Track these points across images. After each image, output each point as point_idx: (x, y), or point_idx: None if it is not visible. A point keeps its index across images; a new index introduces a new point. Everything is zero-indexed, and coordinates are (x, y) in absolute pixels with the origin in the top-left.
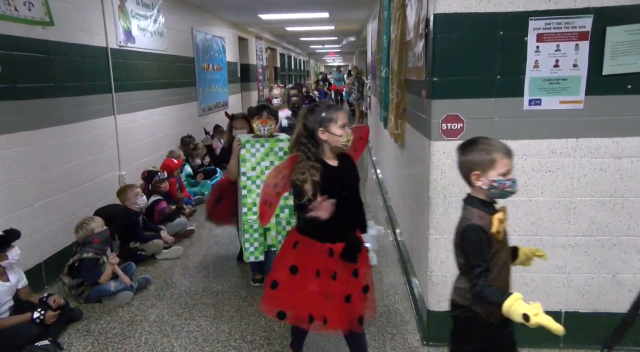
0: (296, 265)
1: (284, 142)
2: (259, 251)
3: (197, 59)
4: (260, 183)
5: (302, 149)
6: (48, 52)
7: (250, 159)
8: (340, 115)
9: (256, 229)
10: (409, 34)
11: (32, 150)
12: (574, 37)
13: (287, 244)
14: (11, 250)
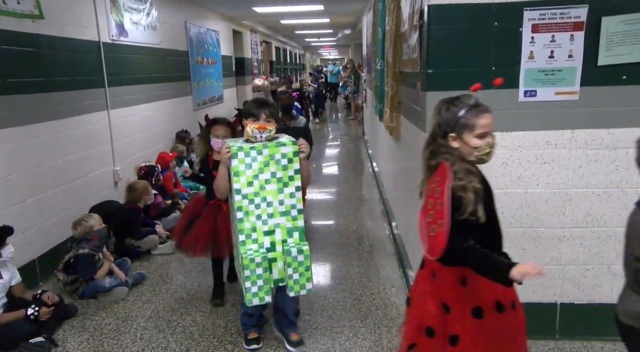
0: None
1: (287, 146)
2: (264, 290)
3: (191, 52)
4: (260, 202)
5: (443, 151)
6: (38, 46)
7: (245, 171)
8: (482, 121)
9: (259, 262)
10: (404, 25)
11: (24, 146)
12: (569, 27)
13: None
14: (4, 248)
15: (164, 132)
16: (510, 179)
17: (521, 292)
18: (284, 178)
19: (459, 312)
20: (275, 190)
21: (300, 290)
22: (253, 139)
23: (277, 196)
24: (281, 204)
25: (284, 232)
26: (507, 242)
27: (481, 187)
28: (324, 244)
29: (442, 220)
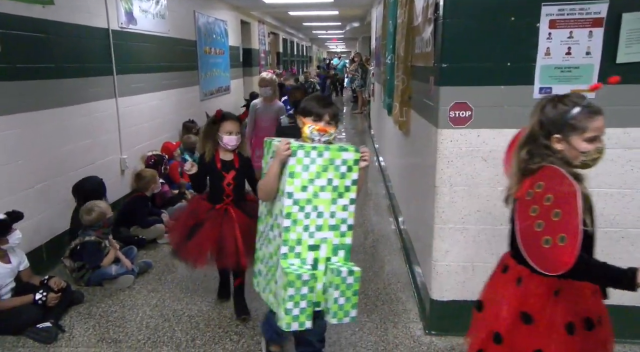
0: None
1: (350, 152)
2: (307, 313)
3: (199, 42)
4: (310, 210)
5: (545, 153)
6: (48, 32)
7: (301, 173)
8: (595, 124)
9: (307, 280)
10: (417, 18)
11: (32, 133)
12: (587, 23)
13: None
14: (12, 234)
15: (171, 121)
16: None
17: None
18: (339, 187)
19: (547, 325)
20: (328, 199)
21: (343, 317)
22: (310, 141)
23: (330, 206)
24: (332, 217)
25: (329, 249)
26: None
27: (588, 195)
28: None
29: (564, 233)
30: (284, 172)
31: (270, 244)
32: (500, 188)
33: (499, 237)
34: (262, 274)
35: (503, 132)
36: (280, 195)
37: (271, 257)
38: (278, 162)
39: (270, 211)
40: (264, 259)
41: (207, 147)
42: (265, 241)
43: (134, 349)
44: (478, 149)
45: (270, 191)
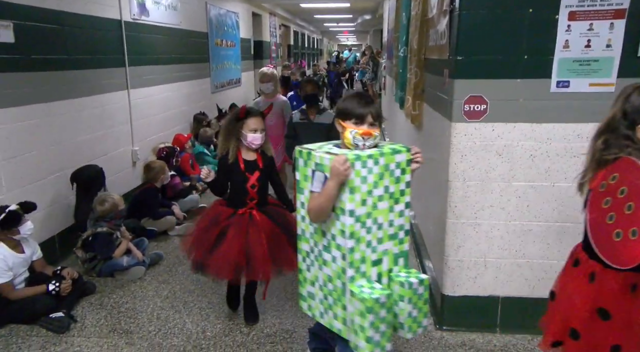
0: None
1: (402, 153)
2: (387, 336)
3: (211, 34)
4: (371, 224)
5: (625, 144)
6: (61, 23)
7: (360, 187)
8: None
9: (384, 302)
10: (432, 10)
11: (44, 124)
12: (609, 15)
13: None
14: (24, 225)
15: (182, 113)
16: (537, 172)
17: (543, 288)
18: (395, 193)
19: (624, 321)
20: (386, 208)
21: (417, 329)
22: (353, 147)
23: (388, 215)
24: (390, 226)
25: (390, 260)
26: (531, 237)
27: None
28: None
29: (636, 227)
30: (343, 188)
31: (327, 266)
32: (514, 183)
33: (512, 233)
34: (317, 297)
35: (518, 126)
36: (339, 213)
37: (330, 280)
38: (337, 183)
39: (321, 230)
40: (317, 281)
41: (230, 146)
42: (317, 262)
43: (144, 340)
44: (492, 144)
45: (326, 213)
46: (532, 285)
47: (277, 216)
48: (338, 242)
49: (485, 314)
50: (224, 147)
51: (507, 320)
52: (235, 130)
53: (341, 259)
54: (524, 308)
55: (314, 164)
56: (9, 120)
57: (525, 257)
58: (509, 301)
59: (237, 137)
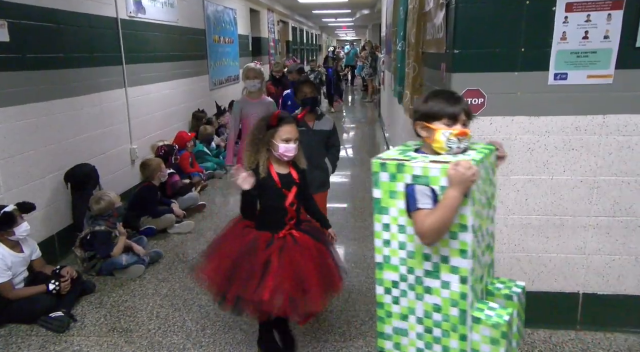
0: None
1: (493, 152)
2: None
3: (208, 31)
4: (480, 236)
5: None
6: (57, 22)
7: (478, 197)
8: None
9: (511, 322)
10: (428, 4)
11: (42, 123)
12: (606, 6)
13: None
14: (19, 226)
15: (181, 111)
16: (535, 165)
17: (542, 282)
18: (491, 197)
19: None
20: (486, 216)
21: (519, 339)
22: (446, 150)
23: (486, 223)
24: (488, 234)
25: (486, 272)
26: (530, 230)
27: None
28: (340, 227)
29: None
30: (465, 200)
31: (433, 294)
32: (513, 177)
33: (511, 227)
34: (412, 333)
35: (516, 119)
36: (457, 230)
37: (439, 310)
38: (462, 192)
39: (422, 253)
40: (412, 314)
41: (260, 159)
42: (414, 292)
43: (144, 338)
44: (490, 137)
45: (445, 231)
46: (532, 279)
47: (315, 232)
48: (453, 264)
49: None
50: (252, 160)
51: None
52: (265, 140)
53: (459, 282)
54: None
55: (411, 176)
56: (6, 119)
57: (525, 251)
58: None
59: (267, 148)
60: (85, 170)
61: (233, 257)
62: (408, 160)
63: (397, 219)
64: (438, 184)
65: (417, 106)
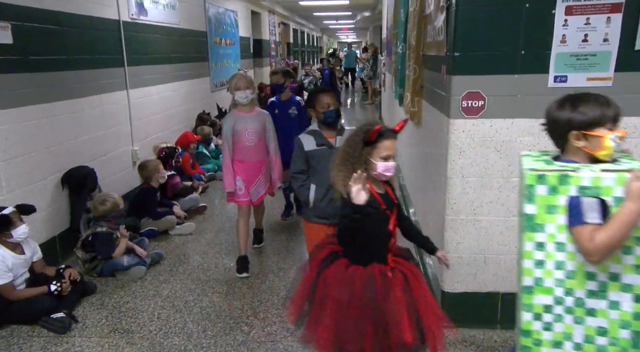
0: None
1: None
2: None
3: (210, 33)
4: None
5: None
6: (59, 24)
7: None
8: None
9: None
10: (429, 7)
11: (44, 124)
12: (606, 9)
13: None
14: (16, 228)
15: (182, 112)
16: None
17: None
18: None
19: None
20: None
21: None
22: (608, 157)
23: None
24: None
25: None
26: None
27: None
28: None
29: None
30: None
31: (598, 316)
32: (513, 179)
33: (511, 229)
34: None
35: (516, 122)
36: (634, 244)
37: (604, 333)
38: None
39: (584, 272)
40: (569, 340)
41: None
42: (573, 315)
43: (145, 339)
44: (491, 139)
45: (617, 248)
46: None
47: (409, 256)
48: (626, 282)
49: (486, 310)
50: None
51: (508, 316)
52: (362, 158)
53: (632, 301)
54: None
55: (577, 188)
56: (8, 121)
57: None
58: (510, 296)
59: (364, 167)
60: (83, 173)
61: (354, 312)
62: (572, 171)
63: (555, 237)
64: (611, 195)
65: (563, 116)
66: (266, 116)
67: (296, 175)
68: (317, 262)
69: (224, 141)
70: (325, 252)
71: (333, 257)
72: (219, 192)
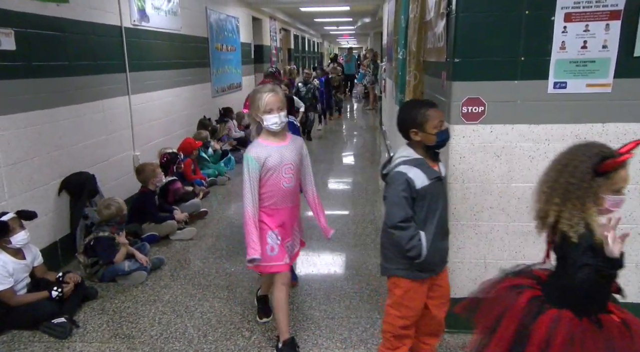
0: None
1: None
2: None
3: (211, 39)
4: None
5: None
6: (62, 30)
7: None
8: None
9: None
10: (429, 13)
11: (47, 129)
12: (605, 16)
13: None
14: (15, 235)
15: (184, 118)
16: (536, 173)
17: None
18: None
19: None
20: None
21: None
22: None
23: None
24: None
25: None
26: (530, 238)
27: None
28: (341, 234)
29: None
30: None
31: None
32: (513, 184)
33: (511, 234)
34: None
35: (516, 127)
36: None
37: None
38: None
39: None
40: None
41: (589, 217)
42: None
43: (146, 344)
44: (491, 145)
45: None
46: None
47: None
48: None
49: None
50: (577, 221)
51: None
52: (592, 190)
53: None
54: None
55: None
56: (11, 126)
57: (525, 258)
58: None
59: (595, 203)
60: (81, 179)
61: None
62: None
63: None
64: None
65: None
66: (302, 142)
67: (403, 224)
68: (516, 311)
69: (247, 183)
70: (525, 298)
71: (538, 305)
72: (220, 197)
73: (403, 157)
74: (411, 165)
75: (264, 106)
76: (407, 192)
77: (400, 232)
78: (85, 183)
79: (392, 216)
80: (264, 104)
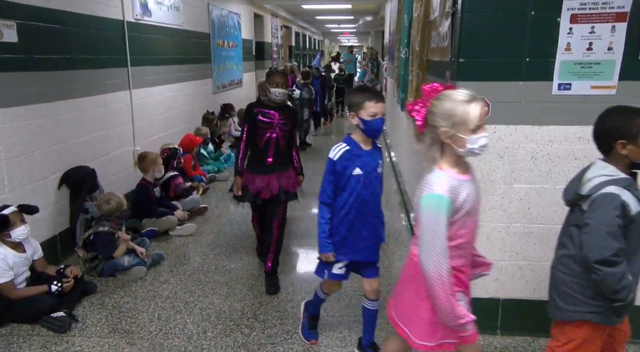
0: None
1: None
2: None
3: (213, 35)
4: None
5: None
6: (64, 23)
7: None
8: None
9: None
10: (434, 12)
11: (48, 123)
12: (611, 18)
13: None
14: (15, 229)
15: (184, 114)
16: (539, 174)
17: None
18: None
19: None
20: None
21: None
22: None
23: None
24: None
25: None
26: (533, 239)
27: None
28: None
29: None
30: None
31: None
32: (516, 185)
33: (513, 235)
34: None
35: (520, 128)
36: None
37: None
38: None
39: None
40: None
41: None
42: None
43: (145, 340)
44: (494, 146)
45: None
46: (533, 287)
47: None
48: None
49: (486, 316)
50: None
51: (508, 322)
52: None
53: None
54: (525, 310)
55: None
56: (12, 119)
57: (527, 259)
58: (510, 303)
59: None
60: (81, 174)
61: None
62: None
63: None
64: None
65: None
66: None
67: (615, 259)
68: None
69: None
70: None
71: None
72: (219, 193)
73: (606, 176)
74: (620, 185)
75: (473, 122)
76: (621, 218)
77: (610, 268)
78: (86, 177)
79: (603, 248)
80: (472, 119)
